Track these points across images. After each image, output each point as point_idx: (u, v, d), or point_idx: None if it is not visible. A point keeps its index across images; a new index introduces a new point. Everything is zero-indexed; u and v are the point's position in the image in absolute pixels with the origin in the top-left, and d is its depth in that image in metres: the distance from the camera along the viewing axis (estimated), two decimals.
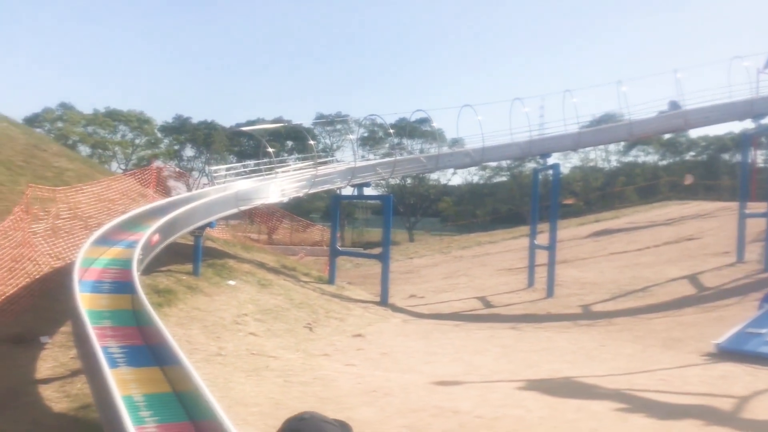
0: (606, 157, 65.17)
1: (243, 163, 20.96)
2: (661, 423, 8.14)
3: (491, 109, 52.56)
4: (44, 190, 13.46)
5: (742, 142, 24.46)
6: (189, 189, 25.52)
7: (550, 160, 22.01)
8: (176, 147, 62.83)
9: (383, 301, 18.31)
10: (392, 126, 51.23)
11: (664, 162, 64.41)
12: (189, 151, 63.89)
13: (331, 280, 19.48)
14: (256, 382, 9.49)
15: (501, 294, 20.38)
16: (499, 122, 74.94)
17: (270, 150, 19.50)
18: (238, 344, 11.52)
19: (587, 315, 17.07)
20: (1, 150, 16.95)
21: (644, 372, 10.95)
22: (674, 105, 21.72)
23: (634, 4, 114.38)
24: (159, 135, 63.12)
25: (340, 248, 20.90)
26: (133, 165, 56.12)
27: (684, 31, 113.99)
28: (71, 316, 9.03)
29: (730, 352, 11.97)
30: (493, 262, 27.53)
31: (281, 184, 17.85)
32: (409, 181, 60.97)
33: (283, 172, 18.91)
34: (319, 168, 18.68)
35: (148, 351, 7.86)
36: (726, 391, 9.70)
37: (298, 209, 32.45)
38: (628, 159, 65.03)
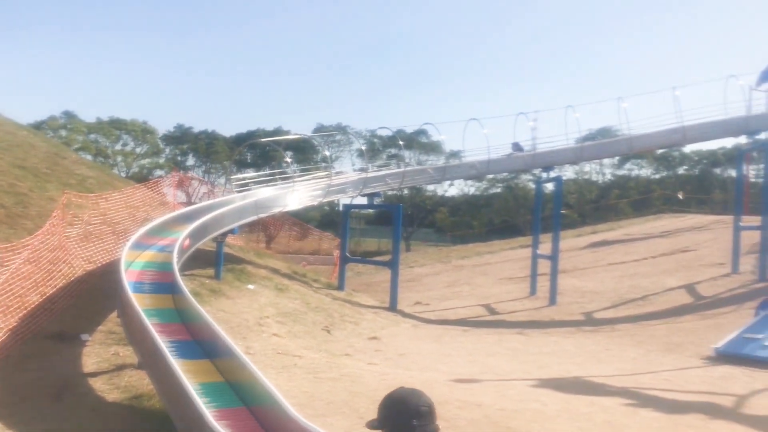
0: (600, 170, 66.07)
1: (263, 172, 21.53)
2: (668, 416, 8.83)
3: (492, 122, 53.32)
4: (76, 197, 14.09)
5: (737, 157, 25.28)
6: (189, 197, 26.08)
7: (552, 173, 22.81)
8: (179, 157, 63.44)
9: (392, 307, 18.94)
10: (391, 138, 51.97)
11: (657, 176, 65.28)
12: (190, 161, 64.58)
13: (340, 287, 20.10)
14: (287, 378, 10.10)
15: (504, 302, 21.03)
16: (499, 136, 75.94)
17: (288, 160, 20.16)
18: (264, 344, 12.14)
19: (590, 321, 17.76)
20: (27, 158, 17.55)
21: (649, 373, 11.65)
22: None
23: (636, 22, 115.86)
24: (161, 145, 63.75)
25: (349, 256, 21.49)
26: (133, 173, 56.61)
27: (682, 48, 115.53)
28: (124, 315, 9.63)
29: (729, 356, 12.69)
30: (494, 271, 28.16)
31: (299, 192, 18.51)
32: (405, 191, 61.61)
33: (298, 181, 19.59)
34: (332, 178, 19.39)
35: (196, 345, 8.51)
36: (726, 390, 10.41)
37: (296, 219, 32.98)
38: (622, 172, 65.85)
